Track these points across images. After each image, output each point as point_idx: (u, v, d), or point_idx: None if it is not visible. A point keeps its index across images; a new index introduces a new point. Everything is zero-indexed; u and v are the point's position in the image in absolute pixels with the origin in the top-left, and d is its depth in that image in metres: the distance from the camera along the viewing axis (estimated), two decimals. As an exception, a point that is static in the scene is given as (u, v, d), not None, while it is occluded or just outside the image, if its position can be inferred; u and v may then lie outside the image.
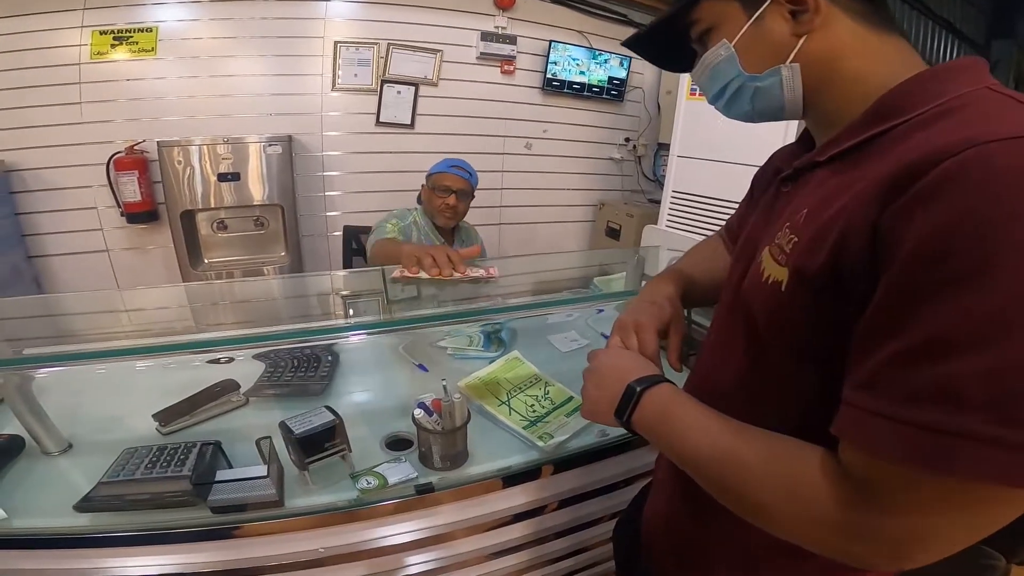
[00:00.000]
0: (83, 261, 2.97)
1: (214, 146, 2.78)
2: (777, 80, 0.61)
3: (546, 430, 1.16)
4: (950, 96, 0.48)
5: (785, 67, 0.60)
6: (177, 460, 0.98)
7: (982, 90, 0.48)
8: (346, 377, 1.42)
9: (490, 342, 1.60)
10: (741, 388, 0.64)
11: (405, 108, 3.32)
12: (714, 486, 0.57)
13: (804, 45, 0.58)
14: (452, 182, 2.04)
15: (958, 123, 0.44)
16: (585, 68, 3.66)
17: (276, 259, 3.07)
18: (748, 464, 0.53)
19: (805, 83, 0.60)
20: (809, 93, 0.61)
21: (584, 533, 1.21)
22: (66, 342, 1.24)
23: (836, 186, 0.54)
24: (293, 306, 1.72)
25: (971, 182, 0.39)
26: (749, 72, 0.63)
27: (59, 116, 2.76)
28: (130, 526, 0.90)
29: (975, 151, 0.39)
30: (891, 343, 0.42)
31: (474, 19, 3.34)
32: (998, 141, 0.39)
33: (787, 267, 0.55)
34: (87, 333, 1.37)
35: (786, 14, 0.59)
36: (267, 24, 2.97)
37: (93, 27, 2.72)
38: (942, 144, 0.41)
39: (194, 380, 1.27)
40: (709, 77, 0.67)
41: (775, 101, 0.63)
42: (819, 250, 0.50)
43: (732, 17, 0.63)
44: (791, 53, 0.59)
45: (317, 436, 1.00)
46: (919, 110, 0.50)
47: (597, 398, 0.71)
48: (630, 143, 4.01)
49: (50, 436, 1.07)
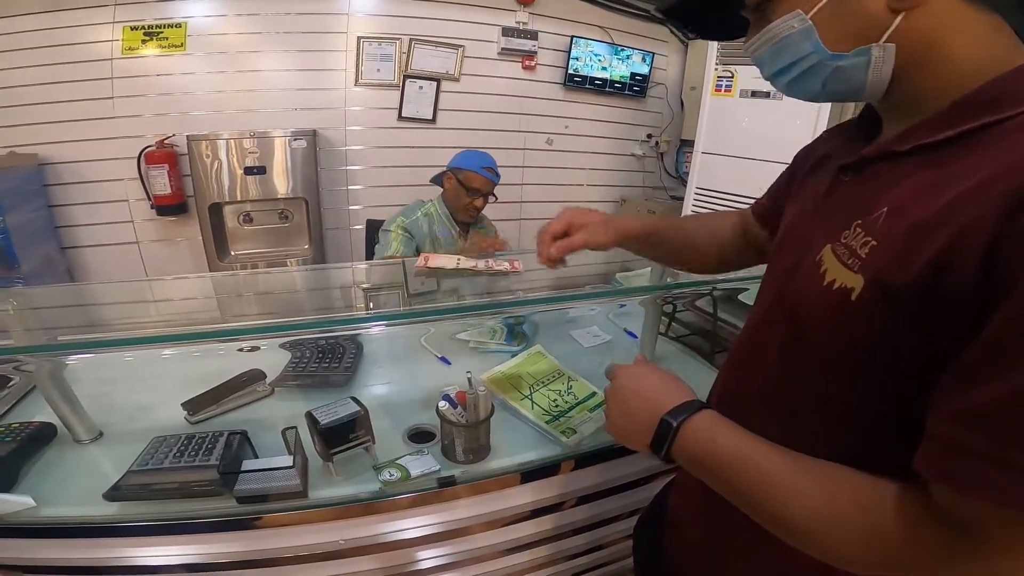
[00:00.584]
0: (114, 252, 3.05)
1: (241, 140, 2.84)
2: (864, 60, 0.52)
3: (569, 425, 1.15)
4: None
5: (877, 47, 0.51)
6: (205, 449, 0.99)
7: None
8: (369, 369, 1.43)
9: (512, 336, 1.59)
10: (768, 399, 0.60)
11: (427, 103, 3.35)
12: (777, 528, 0.52)
13: (902, 22, 0.49)
14: (483, 185, 2.06)
15: None
16: (607, 64, 3.63)
17: (300, 252, 3.12)
18: (815, 507, 0.48)
19: (896, 64, 0.52)
20: (896, 75, 0.53)
21: (602, 530, 1.20)
22: (98, 331, 1.27)
23: (927, 183, 0.47)
24: (317, 297, 1.74)
25: None
26: (832, 50, 0.53)
27: (91, 110, 2.83)
28: (157, 516, 0.92)
29: None
30: (1006, 382, 0.38)
31: (496, 15, 3.35)
32: None
33: (862, 274, 0.49)
34: (118, 322, 1.39)
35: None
36: (292, 20, 3.01)
37: (124, 23, 2.78)
38: None
39: (221, 369, 1.28)
40: (773, 51, 0.58)
41: (855, 83, 0.54)
42: (913, 259, 0.44)
43: None
44: (886, 32, 0.50)
45: (342, 427, 1.01)
46: (1021, 107, 0.44)
47: (626, 429, 0.66)
48: (652, 139, 3.98)
49: (82, 423, 1.09)
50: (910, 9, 0.48)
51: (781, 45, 0.56)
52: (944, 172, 0.46)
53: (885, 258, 0.47)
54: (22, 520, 0.90)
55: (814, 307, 0.54)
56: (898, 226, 0.47)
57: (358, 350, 1.47)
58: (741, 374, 0.68)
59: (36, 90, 2.72)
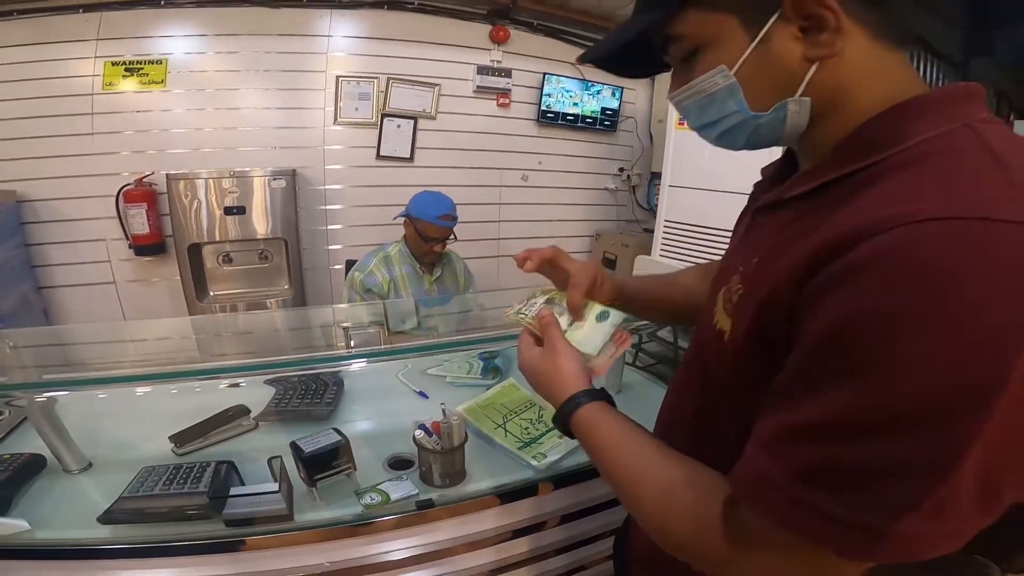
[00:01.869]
0: (91, 292, 3.04)
1: (220, 179, 2.87)
2: (782, 115, 0.53)
3: (540, 450, 1.23)
4: (924, 136, 0.45)
5: (793, 101, 0.51)
6: (193, 477, 1.04)
7: (960, 130, 0.44)
8: (351, 404, 1.49)
9: (487, 370, 1.67)
10: (696, 418, 0.65)
11: (404, 141, 3.40)
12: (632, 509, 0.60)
13: (816, 73, 0.49)
14: (438, 233, 2.11)
15: (909, 183, 0.42)
16: (578, 99, 3.74)
17: (279, 292, 3.15)
18: (660, 490, 0.55)
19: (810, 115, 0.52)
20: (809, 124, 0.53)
21: (584, 550, 1.26)
22: (88, 369, 1.32)
23: (789, 238, 0.50)
24: (299, 337, 1.80)
25: (886, 271, 0.38)
26: (754, 110, 0.53)
27: (71, 146, 2.84)
28: (149, 538, 0.96)
29: (902, 233, 0.38)
30: (787, 415, 0.44)
31: (470, 53, 3.45)
32: (931, 221, 0.37)
33: (731, 318, 0.54)
34: (107, 361, 1.44)
35: (796, 32, 0.49)
36: (272, 58, 3.08)
37: (105, 58, 2.81)
38: (873, 218, 0.39)
39: (205, 405, 1.33)
40: (699, 105, 0.57)
41: (772, 136, 0.56)
42: (748, 311, 0.50)
43: (729, 36, 0.52)
44: (801, 84, 0.50)
45: (325, 455, 1.07)
46: (891, 150, 0.45)
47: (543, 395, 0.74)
48: (624, 173, 4.08)
49: (72, 454, 1.13)
50: (824, 59, 0.49)
51: (707, 100, 0.56)
52: (803, 225, 0.49)
53: (742, 306, 0.52)
54: (18, 543, 0.94)
55: (707, 345, 0.59)
56: (758, 276, 0.51)
57: (339, 386, 1.53)
58: (678, 399, 0.72)
59: (15, 124, 2.73)
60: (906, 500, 0.38)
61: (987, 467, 0.37)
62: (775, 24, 0.49)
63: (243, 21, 2.99)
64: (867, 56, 0.49)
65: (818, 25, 0.48)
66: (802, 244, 0.45)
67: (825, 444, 0.41)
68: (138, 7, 2.83)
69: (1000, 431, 0.35)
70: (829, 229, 0.42)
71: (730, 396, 0.56)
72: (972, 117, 0.45)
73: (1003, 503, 0.39)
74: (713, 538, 0.50)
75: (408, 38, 3.30)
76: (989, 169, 0.40)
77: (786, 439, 0.43)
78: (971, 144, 0.43)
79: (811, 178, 0.51)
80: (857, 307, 0.39)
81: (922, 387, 0.36)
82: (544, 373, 0.73)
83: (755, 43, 0.50)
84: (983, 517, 0.39)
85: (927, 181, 0.41)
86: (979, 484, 0.37)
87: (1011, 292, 0.34)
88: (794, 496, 0.42)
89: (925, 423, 0.37)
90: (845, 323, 0.39)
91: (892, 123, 0.47)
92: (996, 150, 0.41)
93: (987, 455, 0.36)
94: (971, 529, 0.39)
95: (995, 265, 0.35)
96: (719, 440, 0.58)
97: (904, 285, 0.37)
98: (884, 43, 0.49)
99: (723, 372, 0.56)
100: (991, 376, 0.35)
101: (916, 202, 0.38)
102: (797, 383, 0.43)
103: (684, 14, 0.53)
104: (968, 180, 0.40)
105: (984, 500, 0.38)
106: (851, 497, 0.39)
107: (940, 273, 0.36)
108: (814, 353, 0.42)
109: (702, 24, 0.53)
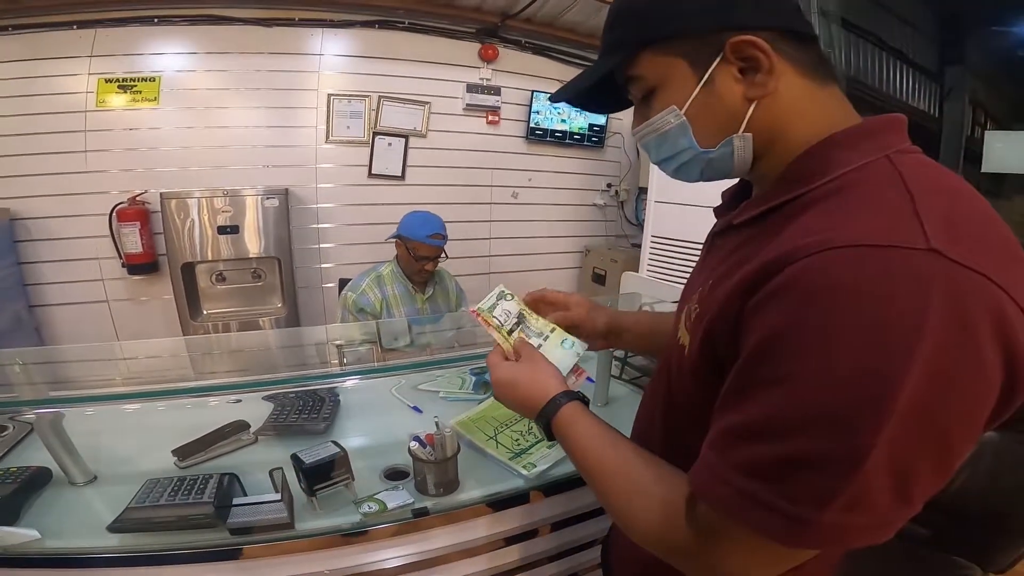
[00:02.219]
0: (83, 311, 3.03)
1: (213, 198, 2.88)
2: (729, 151, 0.58)
3: (530, 460, 1.28)
4: (846, 169, 0.50)
5: (738, 137, 0.57)
6: (198, 488, 1.09)
7: (879, 161, 0.50)
8: (348, 419, 1.54)
9: (478, 386, 1.72)
10: (664, 425, 0.70)
11: (396, 160, 3.43)
12: (607, 507, 0.65)
13: (756, 110, 0.55)
14: (429, 252, 2.16)
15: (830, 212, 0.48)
16: (566, 116, 3.81)
17: (273, 311, 3.16)
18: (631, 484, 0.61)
19: (754, 149, 0.58)
20: (755, 157, 0.59)
21: (575, 557, 1.30)
22: (83, 388, 1.36)
23: (736, 262, 0.55)
24: (295, 354, 1.85)
25: (802, 292, 0.43)
26: (703, 147, 0.59)
27: (64, 164, 2.85)
28: (156, 547, 1.00)
29: (818, 259, 0.43)
30: (729, 417, 0.50)
31: (460, 71, 3.51)
32: (842, 248, 0.42)
33: (691, 335, 0.59)
34: (101, 380, 1.48)
35: (736, 74, 0.55)
36: (264, 76, 3.11)
37: (99, 74, 2.83)
38: (798, 244, 0.45)
39: (204, 422, 1.37)
40: (656, 142, 0.63)
41: (724, 169, 0.62)
42: (700, 328, 0.56)
43: (679, 77, 0.57)
44: (743, 121, 0.56)
45: (324, 466, 1.12)
46: (817, 182, 0.51)
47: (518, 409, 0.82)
48: (612, 188, 4.14)
49: (78, 467, 1.17)
50: (762, 97, 0.55)
51: (662, 138, 0.62)
52: (748, 250, 0.55)
53: (696, 323, 0.58)
54: (29, 552, 0.97)
55: (672, 359, 0.65)
56: (712, 295, 0.56)
57: (335, 401, 1.58)
58: (648, 409, 0.77)
59: (8, 141, 2.74)
60: (825, 492, 0.43)
61: (897, 463, 0.42)
62: (719, 67, 0.55)
63: (236, 39, 3.03)
64: (799, 93, 0.55)
65: (754, 66, 0.54)
66: (746, 267, 0.50)
67: (758, 441, 0.47)
68: (132, 24, 2.87)
69: (903, 430, 0.41)
70: (766, 254, 0.48)
71: (689, 406, 0.61)
72: (892, 147, 0.51)
73: (923, 494, 0.45)
74: (678, 530, 0.55)
75: (399, 57, 3.35)
76: (897, 200, 0.45)
77: (729, 437, 0.50)
78: (886, 174, 0.48)
79: (755, 206, 0.58)
80: (779, 323, 0.45)
81: (829, 393, 0.42)
82: (523, 379, 0.79)
83: (701, 84, 0.56)
84: (906, 508, 0.45)
85: (844, 211, 0.47)
86: (892, 479, 0.42)
87: (904, 310, 0.40)
88: (735, 486, 0.48)
89: (835, 424, 0.42)
90: (769, 337, 0.46)
91: (821, 156, 0.53)
92: (907, 179, 0.47)
93: (895, 452, 0.41)
94: (896, 519, 0.45)
95: (887, 286, 0.41)
96: (684, 446, 0.61)
97: (815, 304, 0.42)
98: (815, 80, 0.56)
99: (683, 383, 0.62)
100: (886, 383, 0.40)
101: (832, 231, 0.44)
102: (735, 388, 0.50)
103: (641, 57, 0.60)
104: (877, 211, 0.45)
105: (900, 493, 0.43)
106: (780, 487, 0.45)
107: (845, 293, 0.41)
108: (747, 363, 0.48)
109: (656, 66, 0.59)
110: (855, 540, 0.45)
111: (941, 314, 0.39)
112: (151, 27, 2.90)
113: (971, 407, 0.42)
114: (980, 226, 0.45)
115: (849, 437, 0.42)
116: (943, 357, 0.40)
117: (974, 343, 0.40)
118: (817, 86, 0.56)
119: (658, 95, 0.60)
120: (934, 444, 0.42)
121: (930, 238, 0.41)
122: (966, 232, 0.43)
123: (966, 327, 0.40)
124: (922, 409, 0.40)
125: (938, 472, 0.44)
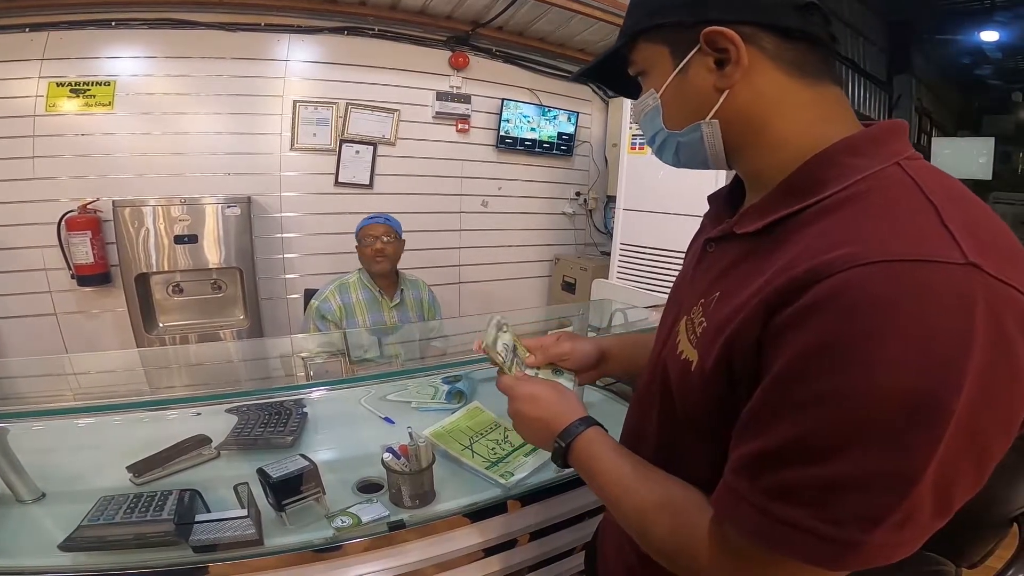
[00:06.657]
0: (30, 324, 2.88)
1: (169, 207, 2.77)
2: (697, 136, 0.60)
3: (507, 469, 1.25)
4: (860, 176, 0.49)
5: (705, 124, 0.58)
6: (156, 505, 1.02)
7: (891, 168, 0.49)
8: (316, 432, 1.49)
9: (451, 395, 1.69)
10: (659, 442, 0.69)
11: (364, 168, 3.37)
12: (620, 519, 0.65)
13: (726, 101, 0.56)
14: (374, 230, 2.19)
15: (851, 222, 0.47)
16: (536, 124, 3.81)
17: (235, 323, 3.05)
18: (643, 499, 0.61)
19: (726, 140, 0.59)
20: (732, 150, 0.60)
21: (556, 566, 1.28)
22: (30, 403, 1.27)
23: (745, 273, 0.54)
24: (258, 366, 1.78)
25: (841, 309, 0.42)
26: (669, 128, 0.62)
27: (9, 171, 2.70)
28: (113, 566, 0.94)
29: (855, 274, 0.42)
30: (759, 442, 0.48)
31: (430, 79, 3.47)
32: (878, 264, 0.41)
33: (697, 350, 0.57)
34: (48, 395, 1.39)
35: (711, 65, 0.56)
36: (226, 82, 3.01)
37: (50, 78, 2.70)
38: (827, 259, 0.44)
39: (159, 437, 1.30)
40: (643, 123, 0.67)
41: (699, 155, 0.62)
42: (715, 345, 0.53)
43: (661, 64, 0.60)
44: (712, 109, 0.57)
45: (293, 480, 1.07)
46: (830, 190, 0.50)
47: (532, 441, 0.81)
48: (581, 197, 4.16)
49: (24, 484, 1.10)
50: (730, 87, 0.55)
51: (645, 119, 0.66)
52: (759, 263, 0.53)
53: (708, 340, 0.55)
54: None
55: (672, 372, 0.63)
56: (721, 311, 0.55)
57: (302, 415, 1.52)
58: (637, 420, 0.75)
59: None
60: (875, 512, 0.42)
61: (942, 480, 0.42)
62: (696, 57, 0.57)
63: (197, 44, 2.93)
64: (778, 89, 0.55)
65: (728, 58, 0.54)
66: (761, 281, 0.49)
67: (794, 465, 0.45)
68: (88, 27, 2.74)
69: (953, 446, 0.40)
70: (787, 269, 0.47)
71: (695, 422, 0.59)
72: (900, 154, 0.50)
73: (959, 504, 0.45)
74: (702, 553, 0.54)
75: (368, 63, 3.30)
76: (922, 210, 0.45)
77: (760, 462, 0.48)
78: (903, 183, 0.48)
79: (760, 214, 0.55)
80: (814, 341, 0.43)
81: (878, 412, 0.41)
82: (546, 399, 0.79)
83: (676, 71, 0.59)
84: (942, 519, 0.45)
85: (867, 221, 0.46)
86: (935, 495, 0.42)
87: (951, 328, 0.40)
88: (768, 512, 0.47)
89: (886, 443, 0.41)
90: (802, 356, 0.44)
91: (832, 162, 0.52)
92: (925, 189, 0.46)
93: (941, 469, 0.41)
94: (933, 530, 0.45)
95: (932, 303, 0.40)
96: (685, 462, 0.62)
97: (855, 322, 0.41)
98: (803, 78, 0.55)
99: (690, 400, 0.59)
100: (940, 402, 0.40)
101: (859, 243, 0.43)
102: (761, 410, 0.48)
103: (637, 43, 0.63)
104: (905, 222, 0.44)
105: (939, 508, 0.44)
106: (823, 512, 0.44)
107: (889, 310, 0.41)
108: (776, 384, 0.46)
109: (646, 53, 0.62)
110: (894, 556, 0.44)
111: (985, 330, 0.40)
112: (108, 30, 2.78)
113: (1010, 418, 0.43)
114: (994, 234, 0.45)
115: (902, 456, 0.41)
116: (989, 373, 0.40)
117: (1014, 356, 0.41)
118: (804, 84, 0.55)
119: (645, 79, 0.64)
120: (976, 457, 0.43)
121: (966, 252, 0.41)
122: (988, 242, 0.43)
123: (1007, 341, 0.40)
124: (970, 425, 0.41)
125: (976, 483, 0.44)
